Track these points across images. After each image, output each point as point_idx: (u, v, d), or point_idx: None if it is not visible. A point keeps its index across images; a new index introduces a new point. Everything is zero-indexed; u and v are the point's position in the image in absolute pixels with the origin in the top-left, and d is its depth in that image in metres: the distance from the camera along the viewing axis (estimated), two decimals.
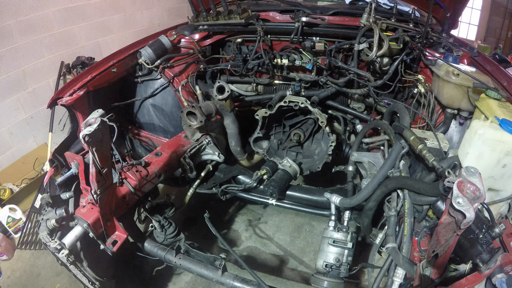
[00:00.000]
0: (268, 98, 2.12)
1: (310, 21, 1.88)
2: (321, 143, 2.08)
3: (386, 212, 1.36)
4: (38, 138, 3.18)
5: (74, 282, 1.99)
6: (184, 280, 2.08)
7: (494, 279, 0.93)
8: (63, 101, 1.57)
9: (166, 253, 1.55)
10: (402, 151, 1.40)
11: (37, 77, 3.06)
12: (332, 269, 1.43)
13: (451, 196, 0.82)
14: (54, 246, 1.22)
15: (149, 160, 1.61)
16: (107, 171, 1.17)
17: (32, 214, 2.38)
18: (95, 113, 1.01)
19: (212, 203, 2.61)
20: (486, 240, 0.96)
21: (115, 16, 3.78)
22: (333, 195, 1.56)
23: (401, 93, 2.00)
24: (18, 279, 2.17)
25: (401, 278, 1.16)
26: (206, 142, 1.84)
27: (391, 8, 2.02)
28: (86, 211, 1.26)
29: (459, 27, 5.20)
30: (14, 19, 2.77)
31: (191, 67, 2.09)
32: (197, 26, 2.12)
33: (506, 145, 1.15)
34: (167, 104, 2.05)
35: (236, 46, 2.09)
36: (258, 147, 2.08)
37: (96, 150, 1.04)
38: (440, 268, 0.96)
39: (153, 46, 1.90)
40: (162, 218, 1.63)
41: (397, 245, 1.23)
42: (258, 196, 1.86)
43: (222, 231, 2.43)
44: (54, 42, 3.16)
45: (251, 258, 2.21)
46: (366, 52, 1.74)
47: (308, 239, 2.37)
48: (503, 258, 0.95)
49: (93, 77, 1.70)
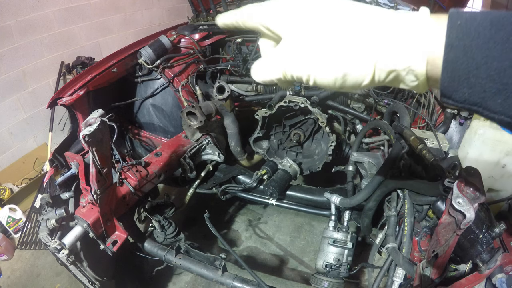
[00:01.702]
0: (268, 98, 2.12)
1: None
2: (321, 143, 2.08)
3: (386, 212, 1.36)
4: (38, 138, 3.18)
5: (74, 282, 1.99)
6: (184, 280, 2.08)
7: (494, 279, 0.93)
8: (63, 101, 1.57)
9: (166, 253, 1.55)
10: (402, 151, 1.40)
11: (37, 77, 3.07)
12: (332, 269, 1.43)
13: (451, 196, 0.82)
14: (54, 246, 1.22)
15: (149, 160, 1.61)
16: (107, 171, 1.17)
17: (32, 214, 2.38)
18: (95, 113, 1.01)
19: (212, 203, 2.62)
20: (486, 240, 0.96)
21: (115, 16, 3.78)
22: (333, 195, 1.56)
23: (401, 93, 2.00)
24: (18, 279, 2.17)
25: (401, 278, 1.16)
26: (206, 142, 1.83)
27: (391, 8, 2.03)
28: (86, 211, 1.26)
29: None
30: (14, 19, 2.77)
31: (191, 67, 2.09)
32: (197, 26, 2.12)
33: (506, 145, 1.15)
34: (167, 104, 2.05)
35: (236, 46, 2.09)
36: (258, 147, 2.07)
37: (96, 150, 1.04)
38: (440, 268, 0.96)
39: (153, 46, 1.90)
40: (162, 218, 1.63)
41: (397, 245, 1.23)
42: (258, 196, 1.85)
43: (222, 231, 2.44)
44: (54, 42, 3.16)
45: (251, 258, 2.21)
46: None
47: (308, 239, 2.37)
48: (503, 258, 0.95)
49: (93, 77, 1.70)
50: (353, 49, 0.38)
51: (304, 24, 0.40)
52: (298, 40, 0.40)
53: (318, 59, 0.39)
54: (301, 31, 0.40)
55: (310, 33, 0.40)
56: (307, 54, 0.40)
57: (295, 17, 0.41)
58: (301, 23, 0.40)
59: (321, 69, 0.39)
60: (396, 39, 0.36)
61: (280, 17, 0.42)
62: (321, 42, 0.39)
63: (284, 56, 0.42)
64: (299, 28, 0.40)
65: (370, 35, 0.37)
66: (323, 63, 0.39)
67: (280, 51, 0.43)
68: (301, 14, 0.40)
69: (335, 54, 0.38)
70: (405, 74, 0.37)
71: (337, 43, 0.38)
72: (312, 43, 0.39)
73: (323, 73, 0.39)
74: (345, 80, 0.39)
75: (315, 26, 0.39)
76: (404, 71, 0.37)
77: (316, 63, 0.39)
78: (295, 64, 0.41)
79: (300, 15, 0.40)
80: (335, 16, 0.39)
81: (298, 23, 0.40)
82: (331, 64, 0.39)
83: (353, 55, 0.38)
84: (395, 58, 0.36)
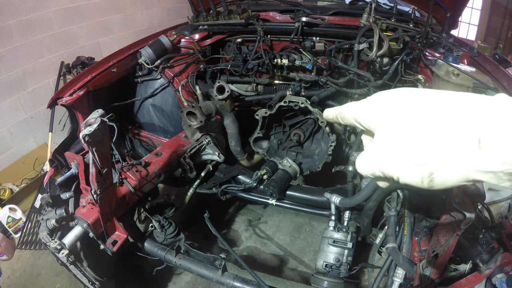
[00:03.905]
0: (268, 98, 2.12)
1: (310, 21, 1.88)
2: (321, 143, 2.08)
3: (386, 212, 1.36)
4: (38, 138, 3.18)
5: (74, 282, 1.99)
6: (184, 280, 2.08)
7: (494, 279, 0.93)
8: (63, 101, 1.56)
9: (166, 253, 1.55)
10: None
11: (37, 77, 3.07)
12: (332, 269, 1.43)
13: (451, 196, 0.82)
14: (54, 246, 1.22)
15: (149, 160, 1.61)
16: (107, 171, 1.17)
17: (32, 214, 2.38)
18: (95, 113, 1.01)
19: (212, 203, 2.61)
20: (486, 240, 0.96)
21: (115, 16, 3.78)
22: (333, 195, 1.56)
23: None
24: (18, 279, 2.17)
25: (401, 278, 1.16)
26: (206, 142, 1.83)
27: (391, 8, 2.02)
28: (86, 211, 1.26)
29: (459, 27, 5.21)
30: (14, 19, 2.77)
31: (191, 67, 2.09)
32: (197, 26, 2.12)
33: None
34: (167, 104, 2.05)
35: (236, 46, 2.09)
36: (258, 147, 2.07)
37: (96, 150, 1.04)
38: (440, 268, 0.96)
39: (153, 46, 1.90)
40: (162, 218, 1.63)
41: (397, 245, 1.23)
42: (258, 196, 1.85)
43: (222, 231, 2.44)
44: (54, 42, 3.16)
45: (251, 258, 2.21)
46: (366, 52, 1.74)
47: (308, 239, 2.37)
48: (503, 258, 0.95)
49: (93, 77, 1.70)
50: (441, 149, 0.35)
51: (392, 123, 0.40)
52: (386, 138, 0.40)
53: (404, 158, 0.38)
54: (389, 130, 0.40)
55: (397, 131, 0.39)
56: (393, 153, 0.39)
57: (384, 115, 0.41)
58: (389, 122, 0.40)
59: (406, 168, 0.38)
60: (493, 138, 0.32)
61: (370, 115, 0.43)
62: (406, 142, 0.38)
63: (375, 153, 0.42)
64: (387, 126, 0.40)
65: (463, 134, 0.34)
66: (408, 161, 0.38)
67: (372, 148, 0.43)
68: (390, 113, 0.41)
69: (421, 153, 0.37)
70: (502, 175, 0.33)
71: (423, 143, 0.36)
72: (398, 142, 0.39)
73: (409, 172, 0.38)
74: (432, 179, 0.37)
75: (403, 124, 0.39)
76: (502, 173, 0.32)
77: (402, 161, 0.38)
78: (384, 162, 0.41)
79: (388, 113, 0.41)
80: (423, 113, 0.38)
81: (385, 121, 0.41)
82: (417, 162, 0.37)
83: (441, 155, 0.35)
84: (491, 161, 0.32)
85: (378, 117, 0.42)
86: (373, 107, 0.43)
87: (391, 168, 0.40)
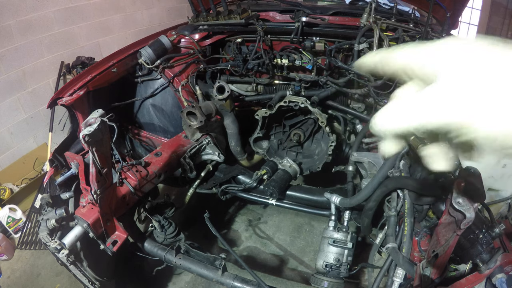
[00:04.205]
0: (268, 98, 2.12)
1: (310, 21, 1.88)
2: (321, 143, 2.08)
3: (386, 212, 1.36)
4: (38, 138, 3.18)
5: (74, 282, 1.99)
6: (184, 280, 2.08)
7: (494, 279, 0.93)
8: (63, 101, 1.56)
9: (166, 253, 1.55)
10: (402, 151, 1.40)
11: (37, 77, 3.07)
12: (332, 269, 1.43)
13: (451, 196, 0.82)
14: (54, 246, 1.22)
15: (149, 160, 1.61)
16: (107, 171, 1.17)
17: (32, 214, 2.38)
18: (95, 113, 1.01)
19: (212, 203, 2.61)
20: (486, 240, 0.96)
21: (115, 16, 3.78)
22: (333, 195, 1.56)
23: None
24: (18, 279, 2.17)
25: (401, 278, 1.16)
26: (206, 142, 1.83)
27: (391, 8, 2.02)
28: (86, 211, 1.26)
29: (459, 27, 5.21)
30: (14, 19, 2.77)
31: (191, 67, 2.09)
32: (197, 26, 2.12)
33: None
34: (167, 104, 2.05)
35: (236, 46, 2.09)
36: (258, 147, 2.07)
37: (96, 150, 1.04)
38: (440, 268, 0.96)
39: (153, 46, 1.90)
40: (162, 218, 1.63)
41: (397, 245, 1.23)
42: (258, 196, 1.85)
43: (222, 231, 2.44)
44: (54, 42, 3.16)
45: (251, 258, 2.21)
46: (366, 52, 1.74)
47: (308, 239, 2.37)
48: (503, 258, 0.95)
49: (93, 77, 1.70)
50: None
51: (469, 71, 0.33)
52: (459, 84, 0.33)
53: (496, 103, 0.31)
54: (465, 78, 0.33)
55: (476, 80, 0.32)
56: (478, 96, 0.32)
57: (461, 56, 0.34)
58: (464, 70, 0.33)
59: (489, 117, 0.31)
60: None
61: (436, 62, 0.36)
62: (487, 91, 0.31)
63: (436, 98, 0.34)
64: (461, 74, 0.33)
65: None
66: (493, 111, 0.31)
67: (430, 93, 0.35)
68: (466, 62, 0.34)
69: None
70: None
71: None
72: (477, 90, 0.32)
73: (490, 121, 0.31)
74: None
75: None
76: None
77: (490, 108, 0.31)
78: (453, 108, 0.33)
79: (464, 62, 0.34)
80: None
81: (460, 68, 0.34)
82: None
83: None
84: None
85: (450, 63, 0.34)
86: (444, 53, 0.35)
87: (465, 115, 0.32)
